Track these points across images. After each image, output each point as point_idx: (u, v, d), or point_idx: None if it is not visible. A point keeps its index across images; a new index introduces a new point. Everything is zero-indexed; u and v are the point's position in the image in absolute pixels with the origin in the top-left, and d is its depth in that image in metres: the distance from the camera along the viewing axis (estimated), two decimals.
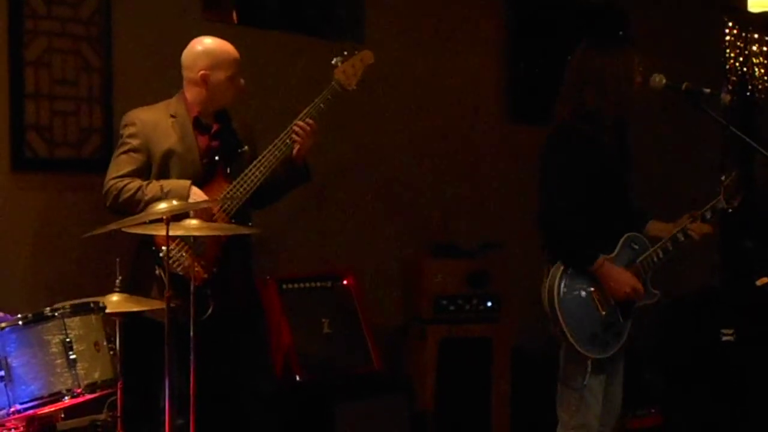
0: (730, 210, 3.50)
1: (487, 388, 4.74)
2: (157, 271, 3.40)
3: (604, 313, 3.35)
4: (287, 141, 3.56)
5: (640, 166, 3.89)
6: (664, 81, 3.41)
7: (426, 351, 4.62)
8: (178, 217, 3.07)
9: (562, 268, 3.33)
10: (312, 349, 4.22)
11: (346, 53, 3.70)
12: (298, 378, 4.13)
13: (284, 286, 4.28)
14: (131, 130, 3.52)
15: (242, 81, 3.61)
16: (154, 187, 3.43)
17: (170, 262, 3.14)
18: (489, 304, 4.77)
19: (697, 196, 3.71)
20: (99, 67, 3.98)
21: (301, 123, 3.57)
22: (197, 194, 3.42)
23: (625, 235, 3.43)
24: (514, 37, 5.48)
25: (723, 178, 3.51)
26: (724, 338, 5.42)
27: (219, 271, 3.48)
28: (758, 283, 5.35)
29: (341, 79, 3.65)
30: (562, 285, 3.31)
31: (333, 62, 3.68)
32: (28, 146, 3.80)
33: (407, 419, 4.32)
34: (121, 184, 3.44)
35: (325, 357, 4.24)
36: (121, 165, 3.48)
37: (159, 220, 2.98)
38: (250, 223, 3.59)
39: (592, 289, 3.34)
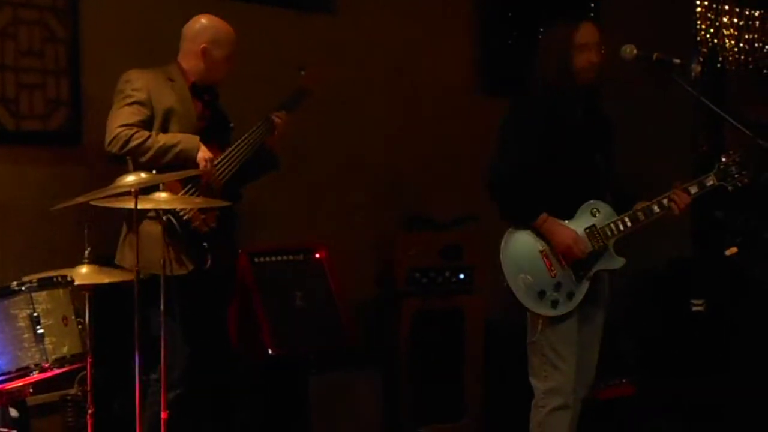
0: (727, 187, 3.53)
1: (460, 360, 4.76)
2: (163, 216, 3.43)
3: (553, 272, 3.41)
4: (269, 125, 3.72)
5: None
6: (635, 51, 3.45)
7: (400, 323, 4.63)
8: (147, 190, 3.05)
9: (511, 227, 3.46)
10: (284, 323, 4.20)
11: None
12: (270, 352, 4.11)
13: (256, 260, 4.25)
14: (136, 84, 3.56)
15: (234, 62, 3.71)
16: (164, 136, 3.51)
17: (180, 213, 3.34)
18: (462, 276, 4.78)
19: (668, 168, 3.73)
20: (65, 38, 3.92)
21: (277, 113, 3.75)
22: (205, 150, 3.53)
23: (587, 203, 3.49)
24: (486, 10, 5.46)
25: (723, 158, 3.53)
26: (694, 308, 5.48)
27: (215, 230, 3.57)
28: (727, 253, 5.40)
29: (308, 84, 3.91)
30: (510, 242, 3.44)
31: (300, 70, 3.92)
32: None
33: (381, 391, 4.34)
34: (130, 132, 3.47)
35: (298, 330, 4.22)
36: (127, 115, 3.51)
37: (128, 193, 2.95)
38: (237, 198, 3.69)
39: (541, 248, 3.42)
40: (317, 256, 4.43)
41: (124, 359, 3.34)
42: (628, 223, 3.48)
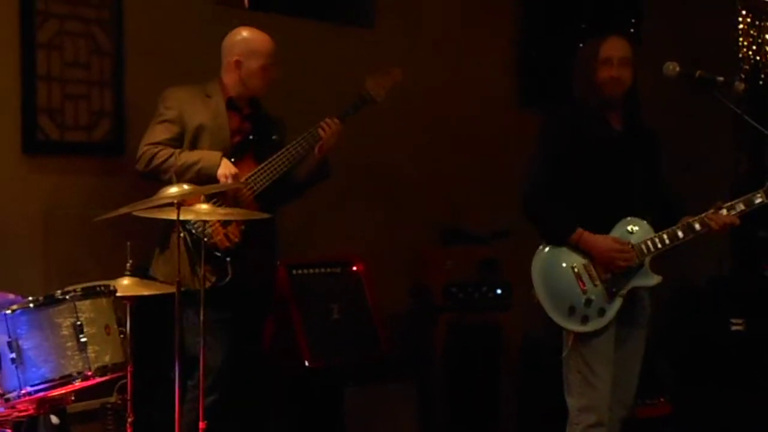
0: None
1: (496, 375, 4.75)
2: (182, 233, 3.46)
3: (585, 287, 3.40)
4: (315, 135, 3.74)
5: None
6: (678, 69, 3.42)
7: (436, 338, 4.64)
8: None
9: (540, 245, 3.48)
10: (321, 335, 4.22)
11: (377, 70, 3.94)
12: (307, 364, 4.13)
13: (294, 272, 4.28)
14: (168, 103, 3.67)
15: (274, 73, 3.74)
16: (186, 154, 3.59)
17: (196, 227, 3.37)
18: (499, 291, 4.78)
19: (710, 185, 3.69)
20: (110, 50, 3.98)
21: (329, 120, 3.75)
22: (228, 165, 3.58)
23: (622, 220, 3.47)
24: (526, 23, 5.48)
25: None
26: (734, 328, 5.42)
27: (241, 245, 3.59)
28: None
29: (371, 89, 3.88)
30: (541, 259, 3.45)
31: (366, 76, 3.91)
32: (39, 129, 3.81)
33: (416, 405, 4.34)
34: (155, 150, 3.59)
35: (335, 343, 4.24)
36: (156, 133, 3.63)
37: (170, 204, 2.99)
38: (274, 210, 3.69)
39: (575, 264, 3.42)
40: (354, 269, 4.45)
41: (157, 368, 3.39)
42: (666, 241, 3.45)
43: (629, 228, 3.47)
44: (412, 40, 4.93)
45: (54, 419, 3.02)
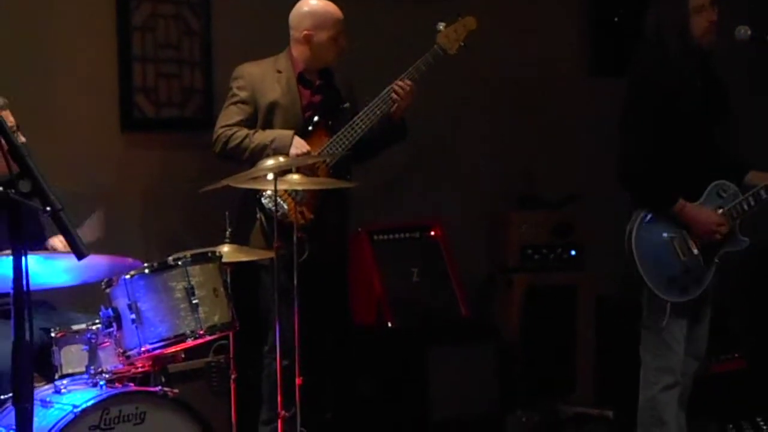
0: None
1: (572, 335, 4.84)
2: (258, 215, 3.61)
3: (684, 258, 3.40)
4: (387, 99, 3.71)
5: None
6: (749, 32, 3.42)
7: (512, 299, 4.75)
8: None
9: (642, 213, 3.41)
10: (402, 297, 4.37)
11: (448, 20, 3.82)
12: (390, 324, 4.30)
13: (375, 237, 4.43)
14: (240, 83, 3.75)
15: (344, 41, 3.76)
16: (260, 135, 3.66)
17: (273, 208, 3.38)
18: (573, 253, 4.87)
19: None
20: (199, 30, 4.18)
21: (400, 83, 3.72)
22: (300, 143, 3.63)
23: (713, 183, 3.46)
24: None
25: None
26: None
27: (316, 219, 3.67)
28: None
29: (444, 43, 3.80)
30: (642, 230, 3.40)
31: (436, 27, 3.82)
32: (136, 107, 4.04)
33: (495, 364, 4.44)
34: (230, 132, 3.68)
35: (415, 304, 4.40)
36: (230, 115, 3.72)
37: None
38: (349, 177, 3.77)
39: (673, 234, 3.41)
40: (433, 233, 4.57)
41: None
42: (752, 203, 3.44)
43: (719, 192, 3.46)
44: (484, 8, 5.01)
45: None
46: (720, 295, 3.68)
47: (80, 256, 1.78)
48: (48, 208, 1.76)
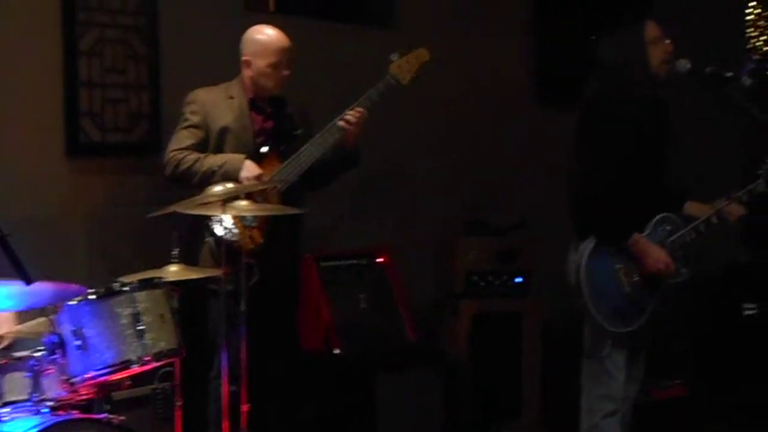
0: None
1: (518, 361, 4.90)
2: (207, 239, 3.60)
3: (628, 289, 3.45)
4: (339, 127, 3.74)
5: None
6: (688, 65, 3.50)
7: (459, 325, 4.79)
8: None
9: (591, 244, 3.44)
10: (350, 323, 4.38)
11: (402, 50, 3.87)
12: (337, 351, 4.30)
13: (323, 264, 4.44)
14: (192, 107, 3.77)
15: (285, 71, 3.78)
16: (210, 158, 3.67)
17: (221, 233, 3.40)
18: (518, 279, 4.93)
19: (719, 179, 3.80)
20: (146, 55, 4.16)
21: (352, 111, 3.76)
22: (251, 167, 3.64)
23: (658, 216, 3.50)
24: (541, 20, 5.60)
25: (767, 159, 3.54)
26: (747, 312, 5.54)
27: (267, 244, 3.67)
28: None
29: (396, 73, 3.83)
30: (589, 260, 3.42)
31: (390, 57, 3.85)
32: (82, 132, 4.00)
33: (442, 390, 4.49)
34: (180, 156, 3.69)
35: (363, 331, 4.41)
36: (181, 139, 3.73)
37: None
38: (301, 203, 3.77)
39: (619, 265, 3.44)
40: (380, 260, 4.59)
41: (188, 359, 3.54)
42: (693, 236, 3.52)
43: (664, 224, 3.51)
44: (433, 38, 5.07)
45: None
46: (661, 322, 3.72)
47: (28, 282, 1.76)
48: None
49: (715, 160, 5.97)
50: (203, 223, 3.62)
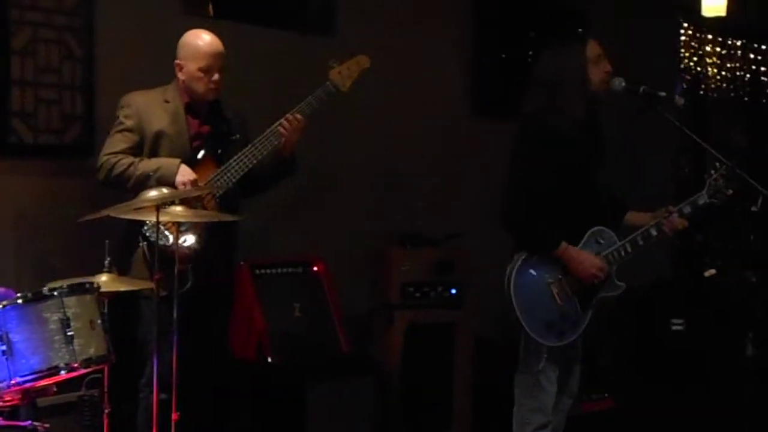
0: (715, 203, 3.54)
1: (450, 372, 4.92)
2: (140, 244, 3.55)
3: (561, 303, 3.46)
4: (277, 133, 3.72)
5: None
6: (623, 84, 3.54)
7: (393, 335, 4.79)
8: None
9: (523, 257, 3.46)
10: (283, 332, 4.35)
11: (341, 57, 3.86)
12: (270, 359, 4.27)
13: (257, 271, 4.41)
14: (126, 111, 3.71)
15: (217, 77, 3.72)
16: (145, 163, 3.61)
17: (154, 238, 3.32)
18: (453, 291, 4.94)
19: (650, 189, 3.85)
20: (81, 56, 4.09)
21: (290, 117, 3.74)
22: (186, 172, 3.59)
23: (591, 230, 3.52)
24: (478, 33, 5.65)
25: (712, 172, 3.56)
26: (675, 327, 5.66)
27: (202, 251, 3.62)
28: (706, 274, 5.60)
29: (336, 80, 3.83)
30: (520, 274, 3.44)
31: (330, 63, 3.84)
32: (13, 132, 3.91)
33: (374, 401, 4.47)
34: (114, 160, 3.63)
35: (296, 340, 4.39)
36: (115, 143, 3.67)
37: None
38: (237, 209, 3.74)
39: (551, 280, 3.46)
40: (315, 269, 4.58)
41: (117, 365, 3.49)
42: (629, 249, 3.53)
43: (597, 238, 3.52)
44: (371, 48, 5.08)
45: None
46: (590, 336, 3.73)
47: None
48: None
49: (646, 177, 6.08)
50: (137, 228, 3.57)
